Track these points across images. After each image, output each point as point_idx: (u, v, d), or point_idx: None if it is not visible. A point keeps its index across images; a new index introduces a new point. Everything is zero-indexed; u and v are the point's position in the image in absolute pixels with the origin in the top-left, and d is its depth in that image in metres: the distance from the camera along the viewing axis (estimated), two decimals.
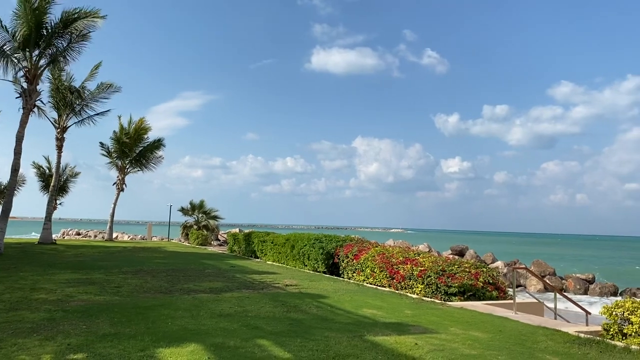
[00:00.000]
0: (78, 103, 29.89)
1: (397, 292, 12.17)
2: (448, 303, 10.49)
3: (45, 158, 35.31)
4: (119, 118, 35.80)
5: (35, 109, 23.34)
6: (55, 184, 29.47)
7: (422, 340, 6.78)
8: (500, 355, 6.15)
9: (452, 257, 23.05)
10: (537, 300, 11.10)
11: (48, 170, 34.45)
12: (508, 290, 12.04)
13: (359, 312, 9.02)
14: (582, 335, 7.49)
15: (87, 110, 30.47)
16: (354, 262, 14.78)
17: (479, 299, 11.09)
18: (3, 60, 21.23)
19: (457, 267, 11.76)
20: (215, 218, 38.49)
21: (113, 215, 35.52)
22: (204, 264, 18.28)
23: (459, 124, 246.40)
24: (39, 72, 22.56)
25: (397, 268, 12.81)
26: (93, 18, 22.95)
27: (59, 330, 6.69)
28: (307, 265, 17.16)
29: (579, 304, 10.59)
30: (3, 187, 31.67)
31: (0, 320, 7.26)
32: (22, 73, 22.23)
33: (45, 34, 22.15)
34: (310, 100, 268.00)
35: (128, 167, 36.24)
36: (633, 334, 7.40)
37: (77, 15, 22.66)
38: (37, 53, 22.34)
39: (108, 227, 35.95)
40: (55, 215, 32.77)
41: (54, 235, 33.32)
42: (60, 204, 35.40)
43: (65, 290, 10.39)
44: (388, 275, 13.01)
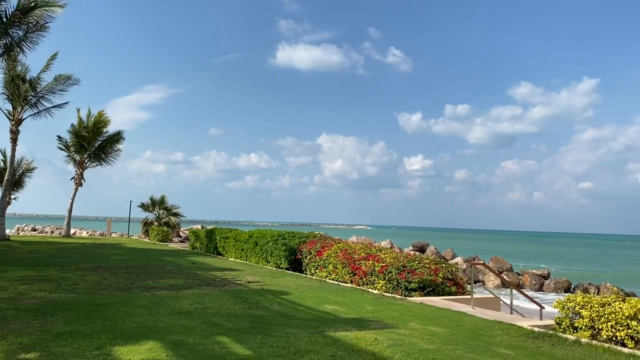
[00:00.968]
0: (33, 95, 28.91)
1: (359, 288, 12.27)
2: (408, 298, 10.65)
3: (0, 151, 34.10)
4: (78, 111, 34.88)
5: None
6: (10, 179, 28.44)
7: (381, 336, 6.86)
8: (458, 350, 6.28)
9: (413, 253, 23.38)
10: (494, 296, 11.38)
11: (2, 164, 33.25)
12: (466, 286, 12.30)
13: (321, 308, 9.06)
14: (536, 329, 7.73)
15: (43, 103, 29.50)
16: (317, 258, 14.83)
17: (439, 295, 11.30)
18: None
19: (417, 263, 11.95)
20: (177, 214, 37.93)
21: (71, 211, 34.59)
22: (165, 261, 18.01)
23: (422, 123, 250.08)
24: None
25: (359, 264, 12.92)
26: (52, 7, 22.22)
27: (11, 329, 6.49)
28: (270, 262, 17.12)
29: (534, 299, 10.91)
30: None
31: None
32: None
33: (0, 23, 21.33)
34: (275, 96, 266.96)
35: (87, 161, 35.33)
36: (583, 328, 7.68)
37: (35, 4, 21.90)
38: None
39: (65, 222, 34.99)
40: (10, 211, 31.70)
41: (8, 231, 32.18)
42: (15, 199, 34.32)
43: (19, 288, 10.07)
44: (350, 272, 13.11)
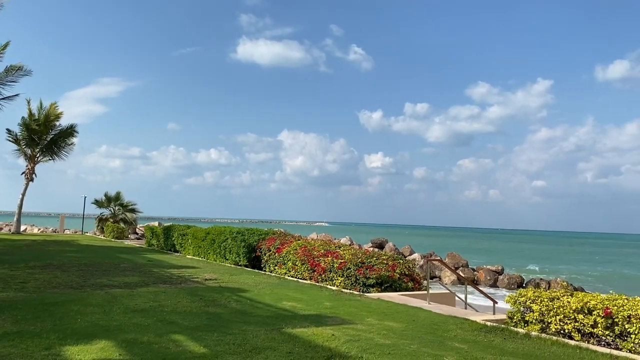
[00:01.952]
0: None
1: (317, 284, 12.31)
2: (366, 294, 10.75)
3: None
4: (28, 103, 33.56)
5: None
6: None
7: (339, 331, 6.90)
8: (413, 344, 6.38)
9: (372, 249, 23.62)
10: (449, 291, 11.62)
11: None
12: (423, 282, 12.50)
13: (279, 305, 9.04)
14: (488, 324, 7.94)
15: None
16: (276, 255, 14.79)
17: (396, 290, 11.45)
18: None
19: (375, 259, 12.08)
20: (133, 211, 37.11)
21: (21, 207, 33.33)
22: (120, 258, 17.60)
23: (382, 121, 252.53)
24: None
25: (318, 261, 12.95)
26: None
27: None
28: (228, 259, 16.97)
29: (488, 294, 11.20)
30: None
31: None
32: None
33: None
34: (236, 91, 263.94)
35: (38, 155, 34.11)
36: (534, 321, 7.93)
37: None
38: None
39: (15, 219, 33.70)
40: None
41: None
42: None
43: None
44: (309, 268, 13.13)
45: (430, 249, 41.84)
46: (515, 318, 8.26)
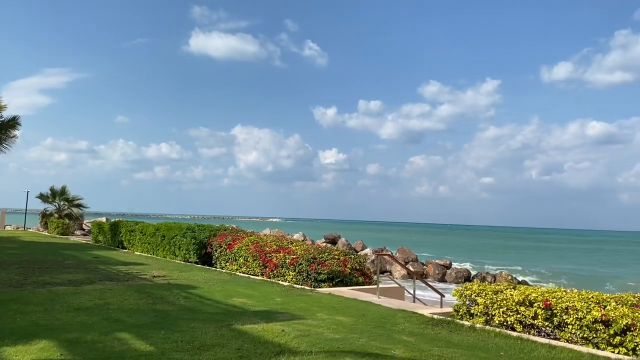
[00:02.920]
0: None
1: (269, 280, 12.28)
2: (317, 289, 10.81)
3: None
4: None
5: None
6: None
7: (289, 327, 6.91)
8: (362, 338, 6.46)
9: (324, 245, 23.74)
10: (398, 285, 11.83)
11: None
12: (374, 276, 12.67)
13: (229, 301, 8.96)
14: (435, 317, 8.13)
15: None
16: (227, 251, 14.65)
17: (347, 285, 11.56)
18: None
19: (327, 254, 12.15)
20: (80, 206, 35.90)
21: None
22: (64, 255, 17.02)
23: (337, 117, 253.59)
24: None
25: (270, 257, 12.91)
26: None
27: None
28: (178, 256, 16.67)
29: (436, 288, 11.47)
30: None
31: None
32: None
33: None
34: (188, 85, 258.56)
35: None
36: (478, 314, 8.18)
37: None
38: None
39: None
40: None
41: None
42: None
43: None
44: (261, 264, 13.08)
45: (383, 244, 42.43)
46: (461, 311, 8.49)
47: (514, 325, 7.66)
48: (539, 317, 7.38)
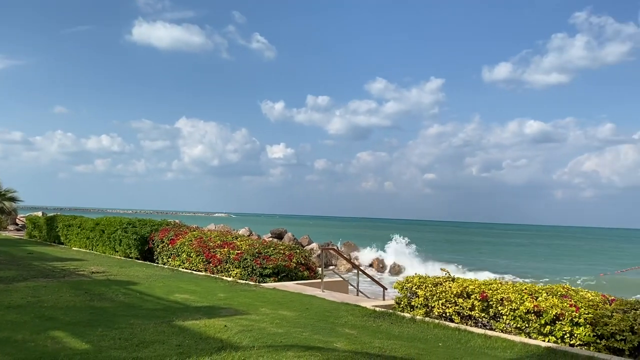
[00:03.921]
0: None
1: (213, 276, 12.13)
2: (262, 284, 10.77)
3: None
4: None
5: None
6: None
7: (232, 322, 6.85)
8: (305, 332, 6.49)
9: (270, 240, 23.68)
10: (342, 279, 11.96)
11: None
12: (319, 270, 12.75)
13: (170, 297, 8.79)
14: (377, 309, 8.27)
15: None
16: (170, 247, 14.35)
17: (292, 279, 11.58)
18: None
19: (272, 249, 12.13)
20: (13, 199, 34.10)
21: None
22: None
23: (285, 112, 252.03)
24: None
25: (214, 252, 12.76)
26: None
27: None
28: (118, 251, 16.19)
29: (378, 281, 11.67)
30: None
31: None
32: None
33: None
34: (131, 75, 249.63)
35: None
36: (419, 306, 8.39)
37: None
38: None
39: None
40: None
41: None
42: None
43: None
44: (205, 260, 12.89)
45: (329, 239, 42.73)
46: (402, 303, 8.68)
47: (453, 317, 7.91)
48: (476, 308, 7.64)
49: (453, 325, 7.35)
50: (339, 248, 33.11)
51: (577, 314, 6.60)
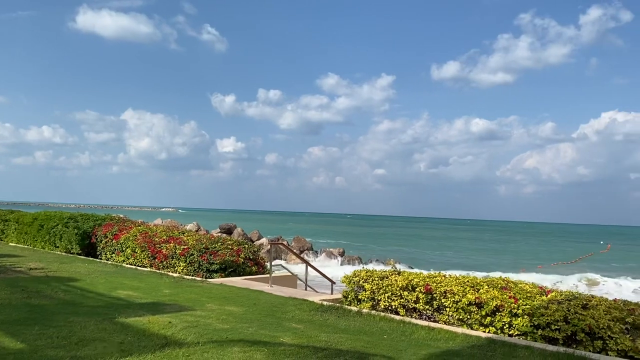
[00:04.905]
0: None
1: (158, 271, 11.87)
2: (209, 280, 10.63)
3: None
4: None
5: None
6: None
7: (176, 319, 6.73)
8: (251, 327, 6.46)
9: (218, 235, 23.41)
10: (291, 274, 11.96)
11: None
12: (267, 265, 12.70)
13: (113, 294, 8.55)
14: (325, 303, 8.31)
15: None
16: (114, 242, 13.95)
17: (240, 275, 11.49)
18: None
19: (220, 244, 11.99)
20: None
21: None
22: None
23: (235, 105, 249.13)
24: None
25: (159, 247, 12.49)
26: None
27: None
28: (59, 247, 15.59)
29: (326, 275, 11.73)
30: None
31: None
32: None
33: None
34: (74, 64, 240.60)
35: None
36: (366, 299, 8.50)
37: None
38: None
39: None
40: None
41: None
42: None
43: None
44: (150, 255, 12.61)
45: (280, 234, 42.71)
46: (350, 297, 8.78)
47: (398, 310, 8.06)
48: (421, 301, 7.82)
49: (398, 318, 7.49)
50: (289, 243, 33.11)
51: (515, 305, 6.86)
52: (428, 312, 7.82)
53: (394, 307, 8.11)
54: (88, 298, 8.09)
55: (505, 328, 6.89)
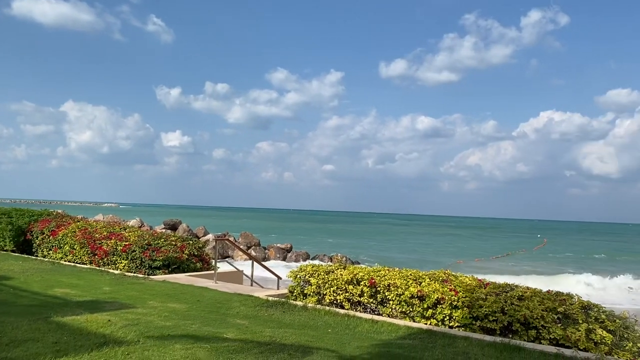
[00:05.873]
0: None
1: (98, 269, 11.49)
2: (151, 277, 10.38)
3: None
4: None
5: None
6: None
7: (116, 317, 6.53)
8: (194, 324, 6.35)
9: (162, 231, 22.92)
10: (237, 270, 11.85)
11: None
12: (213, 262, 12.54)
13: (49, 292, 8.20)
14: (271, 299, 8.29)
15: None
16: (51, 238, 13.40)
17: (184, 271, 11.29)
18: None
19: (163, 240, 11.73)
20: None
21: None
22: None
23: (181, 98, 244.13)
24: None
25: (100, 244, 12.10)
26: None
27: None
28: None
29: (272, 271, 11.71)
30: None
31: None
32: None
33: None
34: (9, 52, 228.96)
35: None
36: (311, 294, 8.53)
37: None
38: None
39: None
40: None
41: None
42: None
43: None
44: (90, 252, 12.19)
45: (227, 230, 42.20)
46: (296, 292, 8.79)
47: (343, 303, 8.13)
48: (365, 294, 7.92)
49: (343, 312, 7.56)
50: (237, 239, 32.81)
51: (456, 298, 7.07)
52: (372, 305, 7.93)
53: (339, 301, 8.18)
54: (22, 297, 7.73)
55: (446, 320, 7.08)
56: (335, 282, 8.26)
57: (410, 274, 7.94)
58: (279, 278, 11.31)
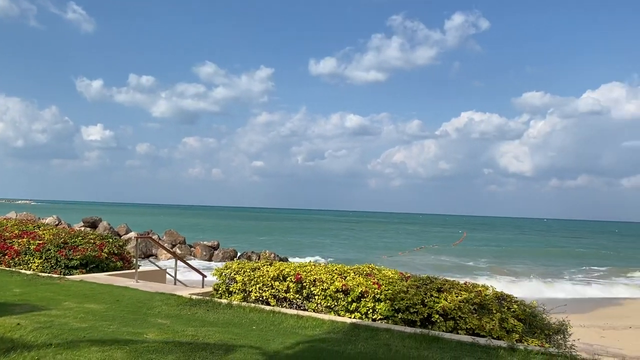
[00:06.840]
0: None
1: (8, 269, 10.77)
2: (67, 277, 9.87)
3: None
4: None
5: None
6: None
7: (27, 319, 6.15)
8: (113, 325, 6.10)
9: (81, 229, 21.85)
10: (159, 268, 11.52)
11: None
12: (134, 260, 12.10)
13: None
14: (194, 297, 8.11)
15: None
16: None
17: (103, 271, 10.82)
18: None
19: (81, 239, 11.22)
20: None
21: None
22: None
23: (103, 90, 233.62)
24: None
25: (10, 243, 11.37)
26: None
27: None
28: None
29: (197, 269, 11.47)
30: None
31: None
32: None
33: None
34: None
35: None
36: (237, 291, 8.43)
37: None
38: None
39: None
40: None
41: None
42: None
43: None
44: None
45: (151, 228, 40.88)
46: (221, 290, 8.65)
47: (269, 300, 8.10)
48: (291, 290, 7.93)
49: (268, 308, 7.53)
50: (161, 237, 31.88)
51: (379, 291, 7.23)
52: (298, 301, 7.96)
53: (265, 297, 8.15)
54: None
55: (370, 313, 7.23)
56: (262, 278, 8.22)
57: (336, 269, 8.03)
58: (204, 276, 11.10)
